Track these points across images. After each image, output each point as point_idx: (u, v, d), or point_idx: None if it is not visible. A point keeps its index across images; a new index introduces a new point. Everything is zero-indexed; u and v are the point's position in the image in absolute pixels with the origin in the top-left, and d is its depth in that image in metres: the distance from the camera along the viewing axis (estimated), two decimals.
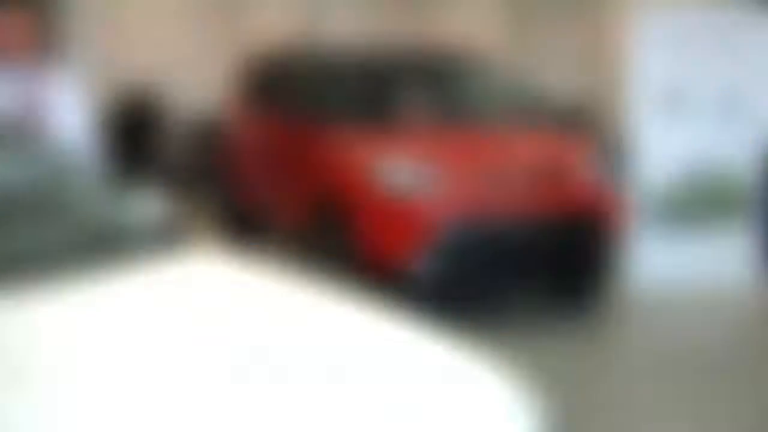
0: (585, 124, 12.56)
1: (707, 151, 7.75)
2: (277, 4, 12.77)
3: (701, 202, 7.75)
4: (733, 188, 7.78)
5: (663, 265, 7.58)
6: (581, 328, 6.78)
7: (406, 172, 6.49)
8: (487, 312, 7.07)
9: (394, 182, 6.49)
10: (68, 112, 7.86)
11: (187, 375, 2.51)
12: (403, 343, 2.85)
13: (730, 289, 7.50)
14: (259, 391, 2.44)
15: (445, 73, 8.34)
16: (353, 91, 8.11)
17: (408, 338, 2.88)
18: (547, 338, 6.59)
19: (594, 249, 6.75)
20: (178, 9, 13.38)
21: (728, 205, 7.77)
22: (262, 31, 11.21)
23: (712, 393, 5.50)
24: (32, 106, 7.51)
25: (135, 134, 12.13)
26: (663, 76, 7.71)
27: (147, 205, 3.59)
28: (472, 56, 8.33)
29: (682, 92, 7.71)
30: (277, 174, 8.28)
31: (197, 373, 2.52)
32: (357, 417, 2.42)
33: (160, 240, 3.36)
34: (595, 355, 6.30)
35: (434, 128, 7.50)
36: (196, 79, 12.09)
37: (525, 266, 6.70)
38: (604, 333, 6.80)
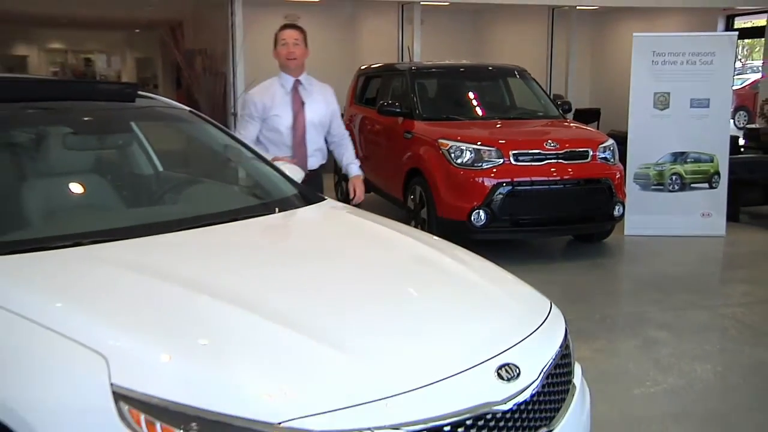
0: (598, 119, 12.39)
1: (684, 141, 7.61)
2: (380, 41, 12.75)
3: (678, 177, 7.61)
4: (704, 168, 7.60)
5: (648, 218, 7.52)
6: (591, 259, 6.76)
7: (469, 151, 6.47)
8: (527, 247, 7.12)
9: (461, 158, 6.49)
10: None
11: (321, 260, 2.70)
12: (469, 263, 2.86)
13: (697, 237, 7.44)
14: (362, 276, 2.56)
15: (498, 81, 8.27)
16: (434, 94, 8.11)
17: (471, 261, 2.89)
18: (566, 265, 6.62)
19: (603, 206, 6.65)
20: (311, 46, 13.47)
21: (699, 180, 7.60)
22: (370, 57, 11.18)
23: (676, 296, 5.54)
24: None
25: None
26: (652, 85, 7.59)
27: (292, 171, 3.64)
28: (519, 71, 8.23)
29: (666, 97, 7.58)
30: (379, 152, 8.30)
31: (317, 265, 2.68)
32: (445, 309, 2.44)
33: (300, 195, 3.41)
34: (599, 275, 6.33)
35: (490, 120, 7.48)
36: None
37: (554, 217, 6.61)
38: (606, 262, 6.75)
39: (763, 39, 11.61)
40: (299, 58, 4.53)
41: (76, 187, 3.21)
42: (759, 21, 11.62)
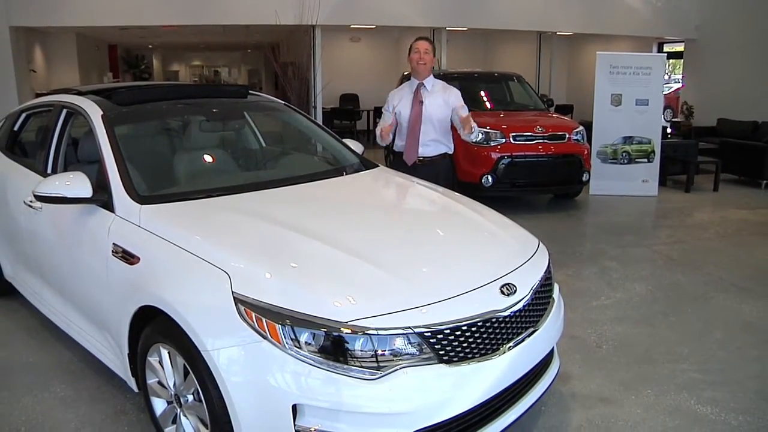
0: (572, 112, 12.07)
1: (631, 128, 7.36)
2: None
3: (626, 154, 7.38)
4: (644, 148, 7.35)
5: (606, 182, 7.32)
6: (565, 211, 6.58)
7: (481, 133, 6.29)
8: (521, 202, 6.97)
9: (476, 138, 6.31)
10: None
11: (368, 212, 2.60)
12: (480, 212, 2.78)
13: (638, 196, 7.20)
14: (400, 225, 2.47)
15: (501, 83, 8.02)
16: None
17: (482, 210, 2.81)
18: (548, 215, 6.47)
19: (575, 173, 6.47)
20: (368, 59, 13.30)
21: (641, 156, 7.36)
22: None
23: (624, 237, 5.32)
24: None
25: (344, 115, 12.17)
26: (610, 89, 7.34)
27: (354, 146, 3.55)
28: (517, 76, 7.96)
29: (619, 97, 7.33)
30: None
31: (373, 212, 2.61)
32: (459, 242, 2.40)
33: (360, 163, 3.33)
34: (571, 222, 6.12)
35: (496, 111, 7.29)
36: (374, 89, 12.00)
37: (540, 181, 6.44)
38: (576, 213, 6.56)
39: (681, 59, 11.81)
40: (427, 64, 3.89)
41: (207, 157, 3.20)
42: (679, 47, 11.96)
